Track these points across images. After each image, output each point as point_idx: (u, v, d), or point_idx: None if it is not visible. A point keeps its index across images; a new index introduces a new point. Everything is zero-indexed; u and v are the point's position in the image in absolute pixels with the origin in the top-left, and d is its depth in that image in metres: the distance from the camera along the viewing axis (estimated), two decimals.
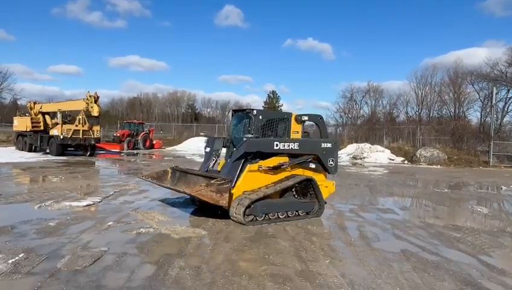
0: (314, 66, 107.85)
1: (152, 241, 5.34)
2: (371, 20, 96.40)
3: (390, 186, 12.99)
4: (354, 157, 25.72)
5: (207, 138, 11.96)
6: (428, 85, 44.81)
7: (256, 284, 3.97)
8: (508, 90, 35.95)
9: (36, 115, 22.07)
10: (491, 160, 23.97)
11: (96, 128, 20.81)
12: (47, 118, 22.15)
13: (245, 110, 7.62)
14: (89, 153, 20.53)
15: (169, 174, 7.92)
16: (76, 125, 19.92)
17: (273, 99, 66.67)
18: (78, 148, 20.53)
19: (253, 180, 6.68)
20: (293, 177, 7.03)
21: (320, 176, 7.49)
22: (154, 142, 30.64)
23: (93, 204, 7.71)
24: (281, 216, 6.82)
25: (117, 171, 15.27)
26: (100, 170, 15.51)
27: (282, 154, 6.94)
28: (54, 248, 4.82)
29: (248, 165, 6.67)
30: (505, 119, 36.46)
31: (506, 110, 36.52)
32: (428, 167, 22.47)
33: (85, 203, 7.70)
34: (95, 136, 20.74)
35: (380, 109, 49.07)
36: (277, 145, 6.75)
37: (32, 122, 21.53)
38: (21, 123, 22.65)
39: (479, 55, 59.87)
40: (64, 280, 3.82)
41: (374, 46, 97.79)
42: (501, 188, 13.40)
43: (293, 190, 7.11)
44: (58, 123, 20.36)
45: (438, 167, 22.51)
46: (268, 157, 6.88)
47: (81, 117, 19.98)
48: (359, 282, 4.12)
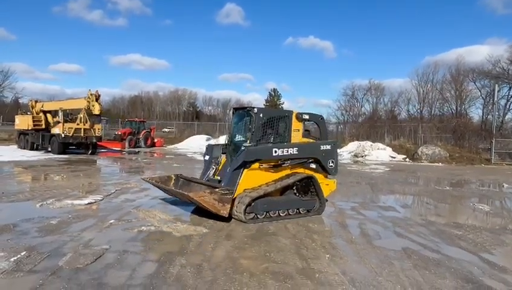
0: (315, 64, 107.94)
1: (153, 239, 5.36)
2: (372, 17, 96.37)
3: (392, 184, 12.99)
4: (356, 155, 25.69)
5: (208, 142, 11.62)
6: (429, 83, 44.85)
7: (257, 282, 3.97)
8: (510, 88, 35.99)
9: (38, 114, 22.12)
10: (493, 158, 23.93)
11: (97, 126, 20.84)
12: (48, 116, 22.20)
13: (246, 108, 7.60)
14: (90, 151, 20.56)
15: (173, 180, 7.95)
16: (78, 124, 19.96)
17: (274, 98, 66.63)
18: (80, 146, 20.55)
19: (254, 178, 6.67)
20: (293, 175, 7.03)
21: (320, 175, 7.48)
22: (156, 140, 30.67)
23: (94, 202, 7.73)
24: (281, 214, 6.82)
25: (118, 169, 15.29)
26: (101, 168, 15.54)
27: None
28: (56, 246, 4.84)
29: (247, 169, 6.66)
30: (506, 117, 36.49)
31: (508, 107, 36.58)
32: (430, 164, 22.44)
33: (87, 201, 7.72)
34: (97, 135, 20.78)
35: (382, 106, 49.20)
36: (276, 151, 6.74)
37: (33, 121, 21.58)
38: (23, 122, 22.69)
39: (480, 53, 59.64)
40: (65, 278, 3.84)
41: (375, 44, 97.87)
42: (503, 186, 13.39)
43: (294, 187, 7.10)
44: (59, 122, 20.39)
45: (440, 164, 22.48)
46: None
47: (82, 116, 20.00)
48: (360, 280, 4.13)
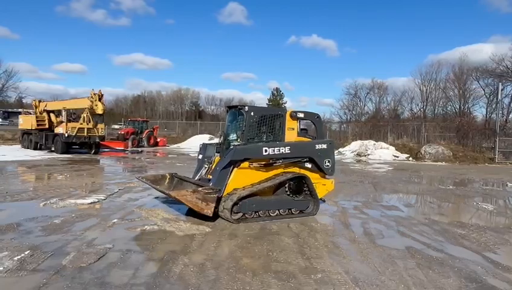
0: (318, 63, 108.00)
1: (156, 238, 5.36)
2: (375, 16, 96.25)
3: (395, 183, 12.95)
4: (358, 154, 25.65)
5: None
6: (433, 81, 44.65)
7: (260, 281, 3.97)
8: None
9: (41, 113, 22.20)
10: (497, 157, 23.84)
11: (100, 126, 20.89)
12: (52, 116, 22.26)
13: (237, 106, 7.40)
14: (93, 151, 20.63)
15: (167, 179, 7.88)
16: (81, 124, 20.01)
17: (276, 97, 66.69)
18: (83, 146, 20.62)
19: (244, 178, 6.52)
20: (284, 174, 6.84)
21: (316, 175, 7.29)
22: (158, 139, 30.73)
23: (97, 202, 7.75)
24: (272, 214, 6.70)
25: (121, 168, 15.33)
26: (105, 167, 15.58)
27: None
28: (59, 245, 4.85)
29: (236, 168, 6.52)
30: (510, 116, 36.12)
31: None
32: (433, 163, 22.37)
33: (90, 200, 7.74)
34: (100, 134, 20.83)
35: (384, 105, 49.05)
36: (266, 150, 6.54)
37: (37, 121, 21.67)
38: (26, 121, 22.79)
39: (484, 51, 59.26)
40: (69, 277, 3.85)
41: (378, 43, 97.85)
42: (506, 185, 13.33)
43: (286, 187, 6.96)
44: (63, 121, 20.44)
45: (443, 163, 22.41)
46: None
47: (85, 115, 20.07)
48: (363, 279, 4.12)
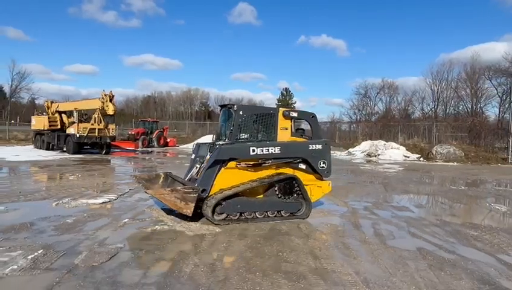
0: (327, 63, 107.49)
1: (167, 238, 5.40)
2: (385, 15, 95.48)
3: (406, 183, 12.84)
4: (369, 155, 25.48)
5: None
6: (444, 81, 44.23)
7: (270, 281, 3.97)
8: None
9: (53, 114, 22.51)
10: (510, 157, 23.43)
11: (111, 126, 21.09)
12: (64, 116, 22.55)
13: (227, 105, 7.19)
14: (104, 151, 20.83)
15: (161, 178, 7.84)
16: (92, 124, 20.22)
17: (286, 97, 66.61)
18: (94, 146, 20.84)
19: (231, 178, 6.33)
20: (273, 176, 6.63)
21: (312, 176, 7.05)
22: (168, 140, 30.90)
23: (109, 201, 7.82)
24: (259, 216, 6.50)
25: (132, 169, 15.45)
26: (116, 167, 15.72)
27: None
28: (72, 245, 4.92)
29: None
30: None
31: None
32: (445, 164, 22.11)
33: (101, 200, 7.82)
34: (111, 135, 21.03)
35: (395, 105, 48.70)
36: (254, 150, 6.32)
37: (49, 121, 21.96)
38: (39, 122, 23.10)
39: (497, 50, 58.53)
40: (81, 276, 3.90)
41: (388, 42, 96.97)
42: None
43: (276, 189, 6.74)
44: (74, 122, 20.71)
45: (455, 164, 22.13)
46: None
47: (96, 116, 20.28)
48: (374, 280, 4.09)
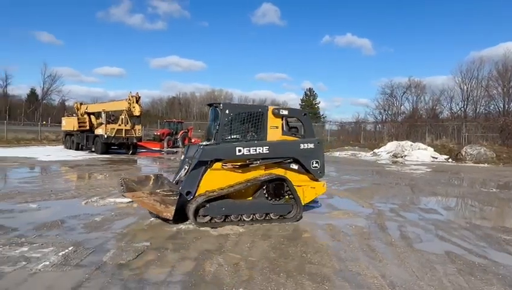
0: (352, 63, 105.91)
1: (192, 237, 5.47)
2: (412, 12, 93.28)
3: (433, 185, 12.50)
4: (395, 156, 24.99)
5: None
6: (474, 79, 42.69)
7: (295, 282, 3.96)
8: None
9: (82, 116, 23.17)
10: None
11: (138, 127, 21.54)
12: (92, 118, 23.20)
13: (214, 104, 6.94)
14: (131, 151, 21.30)
15: (152, 180, 7.61)
16: (119, 125, 20.73)
17: (309, 97, 66.17)
18: (121, 146, 21.35)
19: (217, 179, 6.17)
20: (261, 176, 6.38)
21: (305, 177, 6.74)
22: (193, 140, 31.25)
23: None
24: (246, 219, 6.24)
25: (157, 168, 15.72)
26: (142, 167, 16.06)
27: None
28: (100, 242, 5.06)
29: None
30: None
31: None
32: (475, 165, 21.40)
33: (128, 199, 7.97)
34: (137, 135, 21.48)
35: (422, 105, 47.45)
36: (240, 151, 6.12)
37: (78, 122, 22.62)
38: (68, 123, 23.85)
39: None
40: (109, 273, 4.01)
41: (416, 40, 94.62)
42: None
43: (264, 190, 6.47)
44: (102, 123, 21.29)
45: (485, 165, 21.38)
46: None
47: (123, 117, 20.77)
48: (400, 284, 4.01)
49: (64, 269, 4.08)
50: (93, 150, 21.47)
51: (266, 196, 6.47)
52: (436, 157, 24.09)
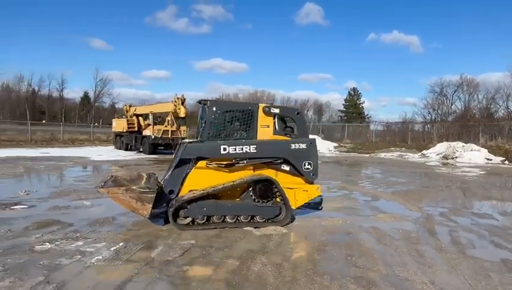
0: (399, 61, 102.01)
1: (235, 236, 5.54)
2: (463, 6, 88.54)
3: (487, 189, 11.80)
4: (445, 157, 23.88)
5: None
6: None
7: (339, 285, 3.90)
8: None
9: (131, 117, 24.21)
10: None
11: (183, 128, 22.16)
12: (140, 119, 24.18)
13: (202, 101, 6.70)
14: None
15: (144, 179, 7.32)
16: (166, 126, 21.44)
17: (353, 97, 64.77)
18: (167, 147, 21.98)
19: (202, 179, 5.98)
20: (246, 177, 6.11)
21: (297, 179, 6.37)
22: None
23: None
24: (230, 220, 5.98)
25: None
26: None
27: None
28: (148, 239, 5.27)
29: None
30: None
31: None
32: None
33: None
34: (182, 136, 22.08)
35: (475, 104, 44.91)
36: (225, 149, 5.90)
37: (128, 124, 23.68)
38: (118, 124, 25.02)
39: None
40: (157, 269, 4.16)
41: (468, 36, 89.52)
42: None
43: (251, 191, 6.16)
44: (150, 124, 22.13)
45: None
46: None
47: (169, 118, 21.45)
48: None
49: (115, 263, 4.29)
50: (141, 150, 22.36)
51: (253, 197, 6.14)
52: (490, 159, 22.73)
